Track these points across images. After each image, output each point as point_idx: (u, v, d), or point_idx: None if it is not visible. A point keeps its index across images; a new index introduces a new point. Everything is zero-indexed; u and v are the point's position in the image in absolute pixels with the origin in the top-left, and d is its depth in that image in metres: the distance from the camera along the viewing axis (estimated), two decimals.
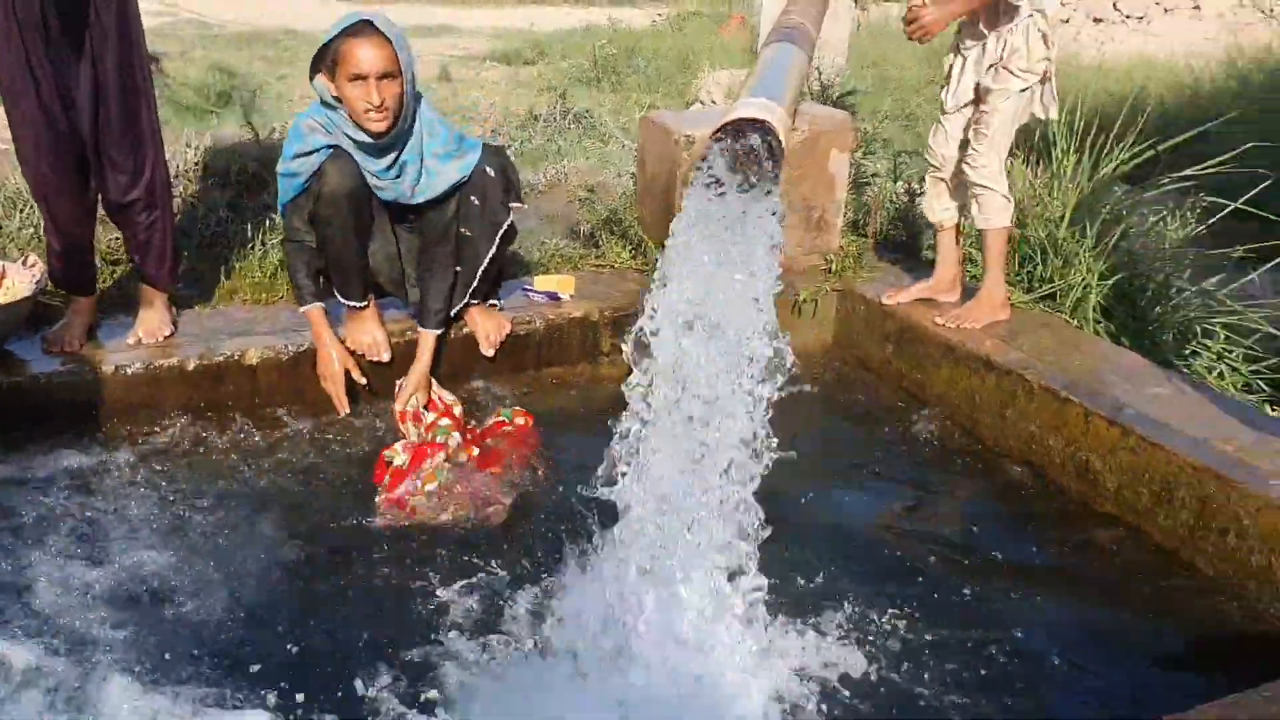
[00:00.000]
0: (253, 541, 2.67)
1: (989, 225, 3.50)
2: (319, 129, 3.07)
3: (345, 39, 2.92)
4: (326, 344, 3.24)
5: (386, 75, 2.93)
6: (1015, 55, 3.33)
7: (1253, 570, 2.61)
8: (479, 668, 2.26)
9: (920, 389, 3.67)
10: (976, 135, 3.44)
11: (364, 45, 2.90)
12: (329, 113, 3.05)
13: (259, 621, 2.39)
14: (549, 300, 3.73)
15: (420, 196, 3.19)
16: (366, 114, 2.95)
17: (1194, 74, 7.84)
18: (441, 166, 3.18)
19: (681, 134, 3.88)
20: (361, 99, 2.93)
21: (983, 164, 3.43)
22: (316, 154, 3.08)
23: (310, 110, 3.12)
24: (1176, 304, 3.82)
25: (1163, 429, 2.90)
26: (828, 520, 2.95)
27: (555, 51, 11.49)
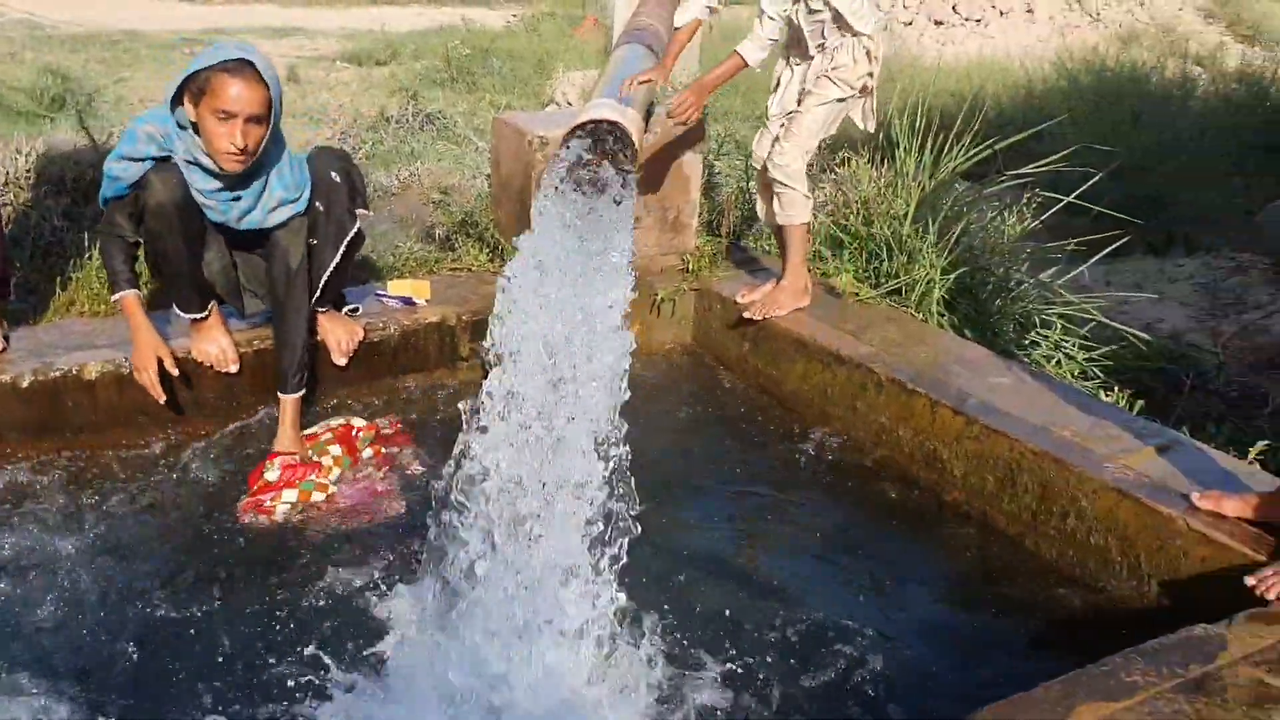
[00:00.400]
0: (96, 563, 2.55)
1: (789, 221, 3.64)
2: (156, 139, 2.92)
3: (221, 73, 2.76)
4: (140, 331, 3.03)
5: (254, 119, 2.81)
6: (840, 69, 3.49)
7: (1092, 549, 2.73)
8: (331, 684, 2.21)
9: (776, 384, 3.73)
10: (786, 134, 3.57)
11: (240, 84, 2.75)
12: (179, 133, 2.91)
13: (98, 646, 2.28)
14: (404, 305, 3.66)
15: (247, 226, 3.08)
16: (226, 154, 2.82)
17: (1028, 75, 8.20)
18: (279, 209, 3.07)
19: (535, 135, 3.86)
20: (226, 137, 2.79)
21: (786, 162, 3.55)
22: (142, 163, 2.93)
23: (151, 116, 2.96)
24: (1016, 296, 3.98)
25: (1004, 417, 3.01)
26: (684, 519, 2.97)
27: (408, 52, 11.31)
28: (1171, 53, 11.48)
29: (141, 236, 3.01)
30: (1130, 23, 13.40)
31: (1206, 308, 4.55)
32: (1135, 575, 2.63)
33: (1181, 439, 2.93)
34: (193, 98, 2.83)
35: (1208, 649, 2.07)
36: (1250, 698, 1.92)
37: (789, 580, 2.73)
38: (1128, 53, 9.40)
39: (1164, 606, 2.56)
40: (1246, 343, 4.20)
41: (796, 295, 3.76)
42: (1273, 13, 15.14)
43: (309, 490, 2.93)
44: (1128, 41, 12.09)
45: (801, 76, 3.60)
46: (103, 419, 3.12)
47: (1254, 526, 2.47)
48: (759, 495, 3.17)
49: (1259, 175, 6.46)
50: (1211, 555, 2.47)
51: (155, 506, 2.84)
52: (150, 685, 2.21)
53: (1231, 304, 4.53)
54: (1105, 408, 3.14)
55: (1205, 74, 9.12)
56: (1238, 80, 8.04)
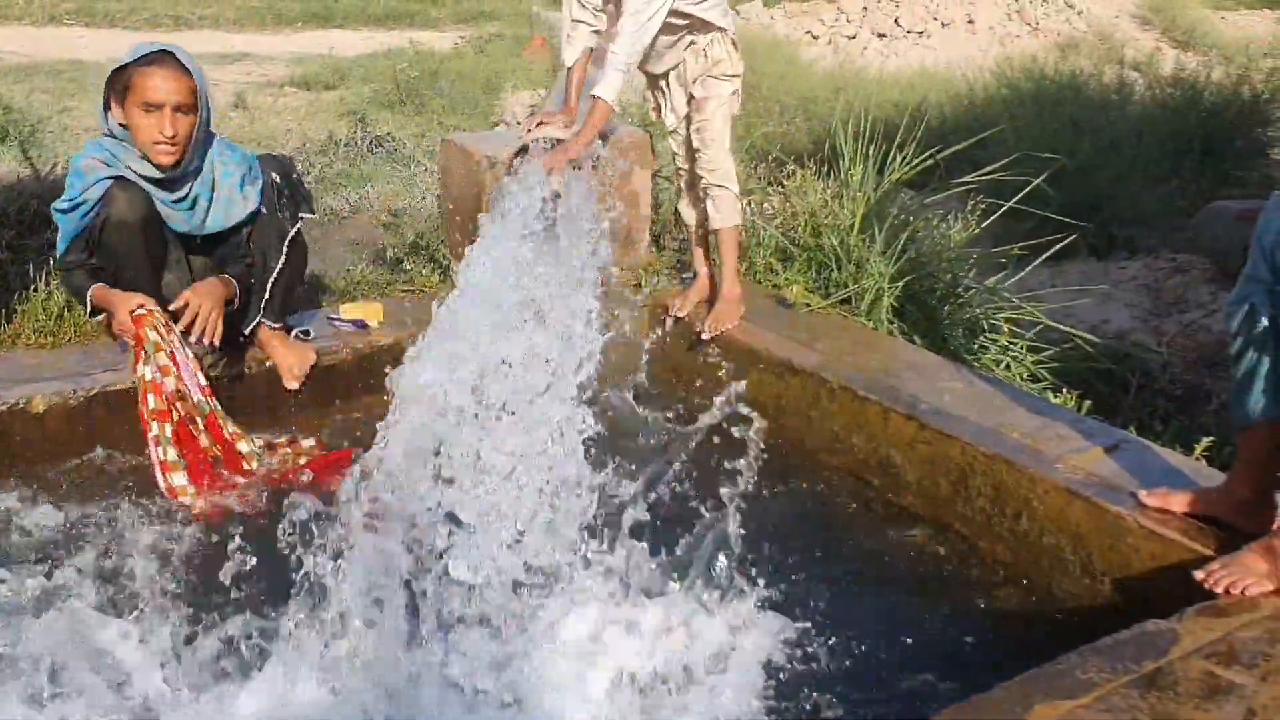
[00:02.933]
0: (52, 596, 2.50)
1: (724, 224, 3.72)
2: (99, 165, 2.92)
3: (142, 67, 2.82)
4: (115, 295, 2.98)
5: (181, 108, 2.84)
6: (720, 64, 3.60)
7: (1045, 549, 2.77)
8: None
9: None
10: (704, 142, 3.66)
11: (162, 75, 2.81)
12: (112, 145, 2.91)
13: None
14: (356, 328, 3.64)
15: (213, 227, 3.08)
16: (156, 145, 2.84)
17: (969, 84, 8.32)
18: (238, 195, 3.09)
19: (483, 155, 3.86)
20: (154, 128, 2.82)
21: (716, 165, 3.65)
22: (98, 185, 2.92)
23: (87, 149, 2.96)
24: (963, 301, 4.04)
25: (956, 421, 3.05)
26: (635, 530, 2.97)
27: (356, 76, 11.27)
28: (1109, 59, 11.70)
29: (99, 258, 2.99)
30: (1068, 31, 13.66)
31: (1150, 308, 4.64)
32: (1088, 573, 2.67)
33: (1129, 438, 2.98)
34: (118, 99, 2.87)
35: (1160, 644, 2.10)
36: (1201, 690, 1.96)
37: (739, 587, 2.73)
38: (1066, 61, 9.57)
39: (1117, 603, 2.60)
40: (1189, 341, 4.28)
41: (739, 302, 3.79)
42: (1205, 18, 15.49)
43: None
44: (1066, 50, 12.32)
45: (680, 81, 3.68)
46: (51, 452, 3.08)
47: (1201, 522, 2.51)
48: (711, 506, 3.17)
49: (1195, 178, 6.60)
50: (1161, 551, 2.51)
51: (105, 531, 2.79)
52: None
53: (1173, 303, 4.62)
54: (1054, 409, 3.19)
55: (1142, 79, 9.31)
56: (1173, 85, 8.21)
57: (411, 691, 2.15)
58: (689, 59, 3.61)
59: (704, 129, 3.64)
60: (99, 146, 2.93)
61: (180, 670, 2.27)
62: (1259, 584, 2.23)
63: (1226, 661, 2.04)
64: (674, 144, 3.86)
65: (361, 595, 2.17)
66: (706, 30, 3.56)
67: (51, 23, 15.17)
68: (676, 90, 3.71)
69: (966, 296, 4.07)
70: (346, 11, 16.92)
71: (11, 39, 13.84)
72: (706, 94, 3.62)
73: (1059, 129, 6.31)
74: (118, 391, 3.13)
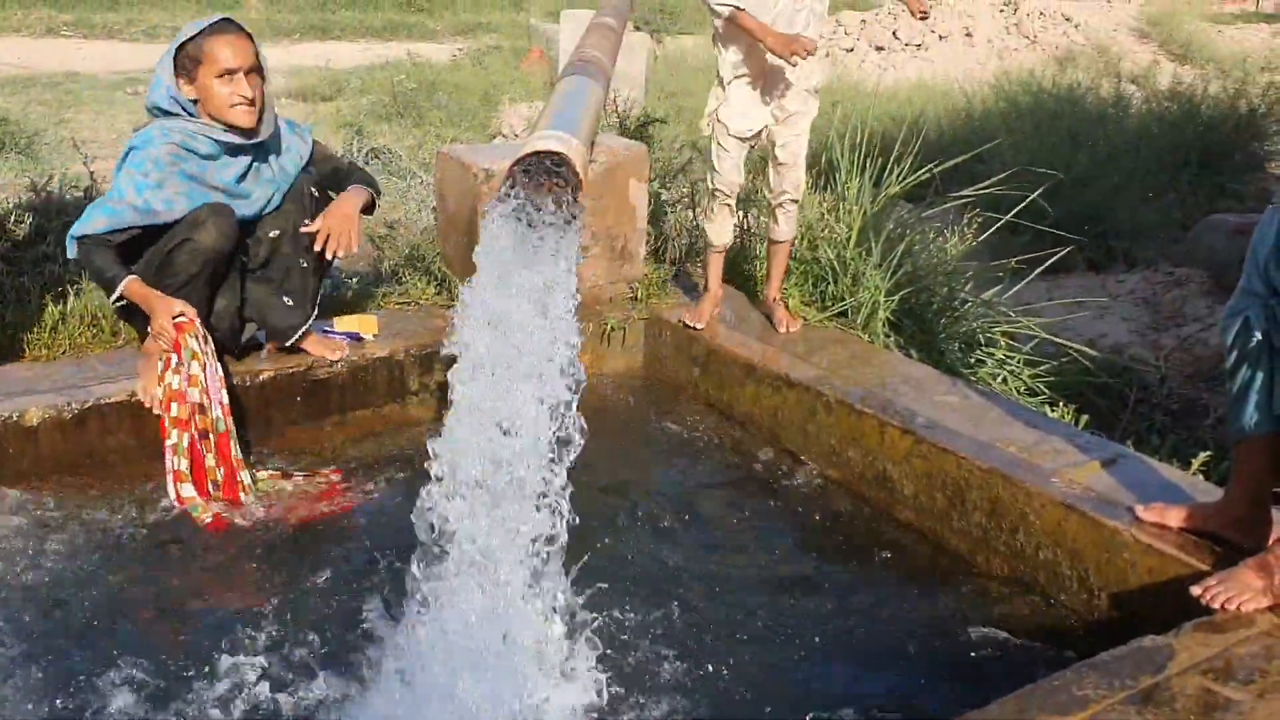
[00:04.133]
0: (36, 605, 2.49)
1: (790, 235, 3.82)
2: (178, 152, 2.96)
3: (209, 37, 2.92)
4: (154, 299, 2.96)
5: (253, 70, 2.96)
6: (812, 76, 3.60)
7: (1041, 564, 2.76)
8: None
9: (728, 408, 3.74)
10: (793, 158, 3.67)
11: (231, 41, 2.92)
12: (183, 126, 2.95)
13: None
14: (351, 341, 3.63)
15: (254, 210, 3.18)
16: (235, 108, 2.93)
17: (967, 97, 8.34)
18: (293, 173, 3.22)
19: (480, 168, 3.86)
20: (233, 94, 2.92)
21: (799, 182, 3.71)
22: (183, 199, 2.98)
23: (151, 140, 2.96)
24: (960, 315, 4.03)
25: (952, 435, 3.04)
26: (637, 545, 2.96)
27: (353, 87, 11.27)
28: (1106, 72, 11.73)
29: (160, 272, 3.01)
30: (1066, 44, 13.70)
31: (1147, 321, 4.64)
32: (1085, 588, 2.66)
33: (1126, 452, 2.98)
34: (186, 74, 2.97)
35: (1157, 659, 2.09)
36: (1198, 706, 1.95)
37: (741, 601, 2.72)
38: (1064, 74, 9.59)
39: (1114, 618, 2.59)
40: (1187, 355, 4.28)
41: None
42: (1202, 31, 15.54)
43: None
44: (1064, 63, 12.35)
45: (767, 92, 3.60)
46: (45, 466, 3.07)
47: (1198, 537, 2.50)
48: (711, 520, 3.17)
49: (1192, 191, 6.61)
50: (1158, 566, 2.50)
51: (100, 547, 2.78)
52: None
53: (1171, 317, 4.62)
54: (1050, 423, 3.18)
55: (1139, 92, 9.33)
56: (1170, 98, 8.23)
57: None
58: (787, 70, 3.54)
59: (794, 145, 3.65)
60: (166, 133, 2.96)
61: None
62: (1255, 600, 2.22)
63: (1223, 678, 2.03)
64: (734, 152, 3.69)
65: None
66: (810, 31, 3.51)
67: (49, 34, 15.19)
68: (764, 97, 3.63)
69: (963, 310, 4.07)
70: (344, 23, 16.95)
71: (9, 50, 13.84)
72: (801, 109, 3.61)
73: (1057, 142, 6.32)
74: (112, 404, 3.12)
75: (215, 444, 2.98)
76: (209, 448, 2.96)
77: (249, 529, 2.90)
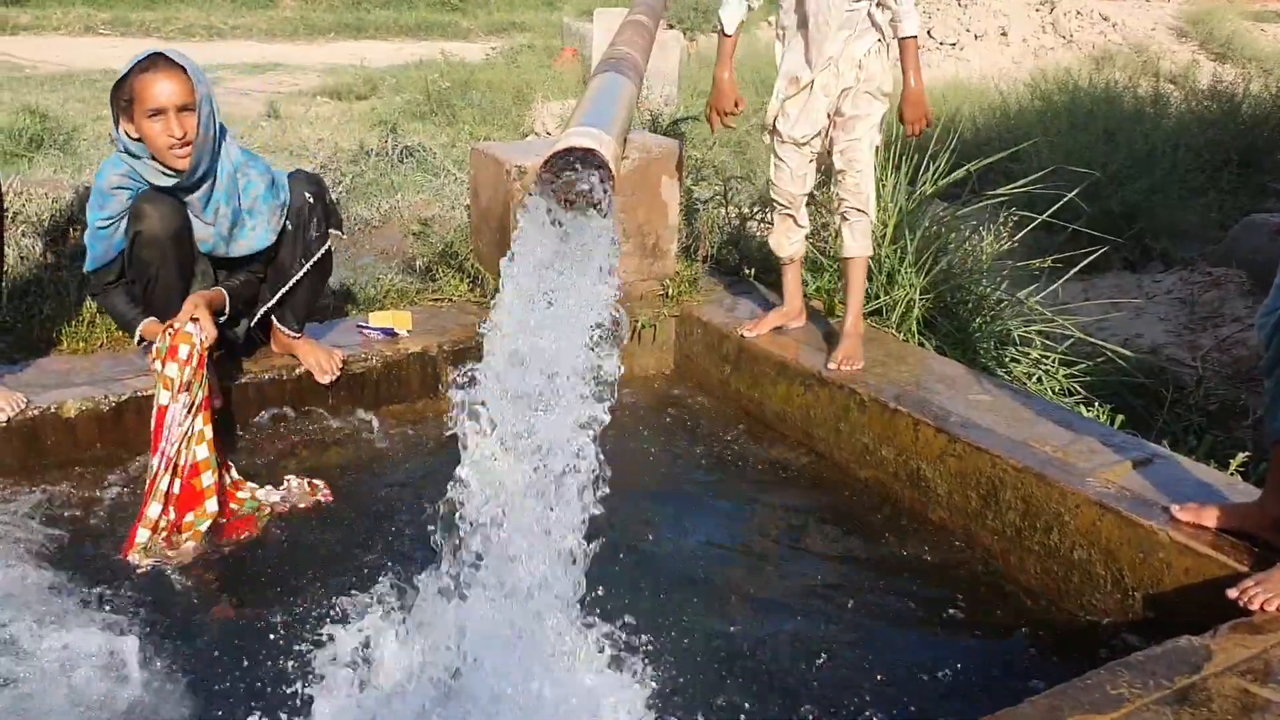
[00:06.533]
0: (73, 598, 2.52)
1: (861, 252, 3.51)
2: (125, 185, 2.94)
3: (139, 75, 2.82)
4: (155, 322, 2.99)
5: (186, 107, 2.83)
6: (873, 79, 3.39)
7: (1076, 564, 2.74)
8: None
9: (759, 407, 3.74)
10: (849, 165, 3.43)
11: (159, 78, 2.81)
12: (132, 162, 2.92)
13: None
14: (385, 336, 3.65)
15: (240, 250, 3.10)
16: (170, 150, 2.84)
17: (1003, 96, 8.28)
18: (264, 207, 3.09)
19: (513, 164, 3.87)
20: (163, 134, 2.82)
21: (861, 189, 3.45)
22: (126, 200, 2.96)
23: (106, 169, 2.98)
24: (995, 314, 4.00)
25: (986, 434, 3.02)
26: (671, 542, 2.97)
27: (387, 85, 11.35)
28: (1144, 72, 11.61)
29: (131, 272, 3.01)
30: (1103, 44, 13.56)
31: (1184, 321, 4.58)
32: (1119, 589, 2.64)
33: (1161, 452, 2.95)
34: (125, 114, 2.88)
35: (1193, 660, 2.07)
36: (1236, 708, 1.93)
37: (776, 600, 2.73)
38: (1101, 73, 9.50)
39: (1149, 619, 2.56)
40: (1225, 355, 4.23)
41: (863, 340, 3.55)
42: (1244, 30, 15.34)
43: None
44: (1101, 62, 12.22)
45: (825, 92, 3.42)
46: (82, 456, 3.11)
47: (1235, 537, 2.48)
48: (743, 518, 3.17)
49: (1232, 190, 6.53)
50: (1194, 567, 2.47)
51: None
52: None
53: (1209, 317, 4.56)
54: (1085, 422, 3.16)
55: (1178, 92, 9.22)
56: (1210, 97, 8.13)
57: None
58: (843, 65, 3.38)
59: (850, 151, 3.42)
60: (117, 163, 2.95)
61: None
62: None
63: (1262, 679, 2.00)
64: (790, 161, 3.54)
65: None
66: (869, 34, 3.37)
67: (87, 33, 15.39)
68: (820, 99, 3.43)
69: (998, 309, 4.04)
70: (378, 22, 17.06)
71: (49, 49, 14.06)
72: (858, 112, 3.39)
73: (1093, 141, 6.26)
74: (148, 397, 3.13)
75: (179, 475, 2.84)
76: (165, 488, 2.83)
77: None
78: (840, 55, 3.39)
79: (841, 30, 3.37)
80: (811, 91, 3.45)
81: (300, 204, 3.16)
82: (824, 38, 3.39)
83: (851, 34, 3.38)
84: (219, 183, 3.01)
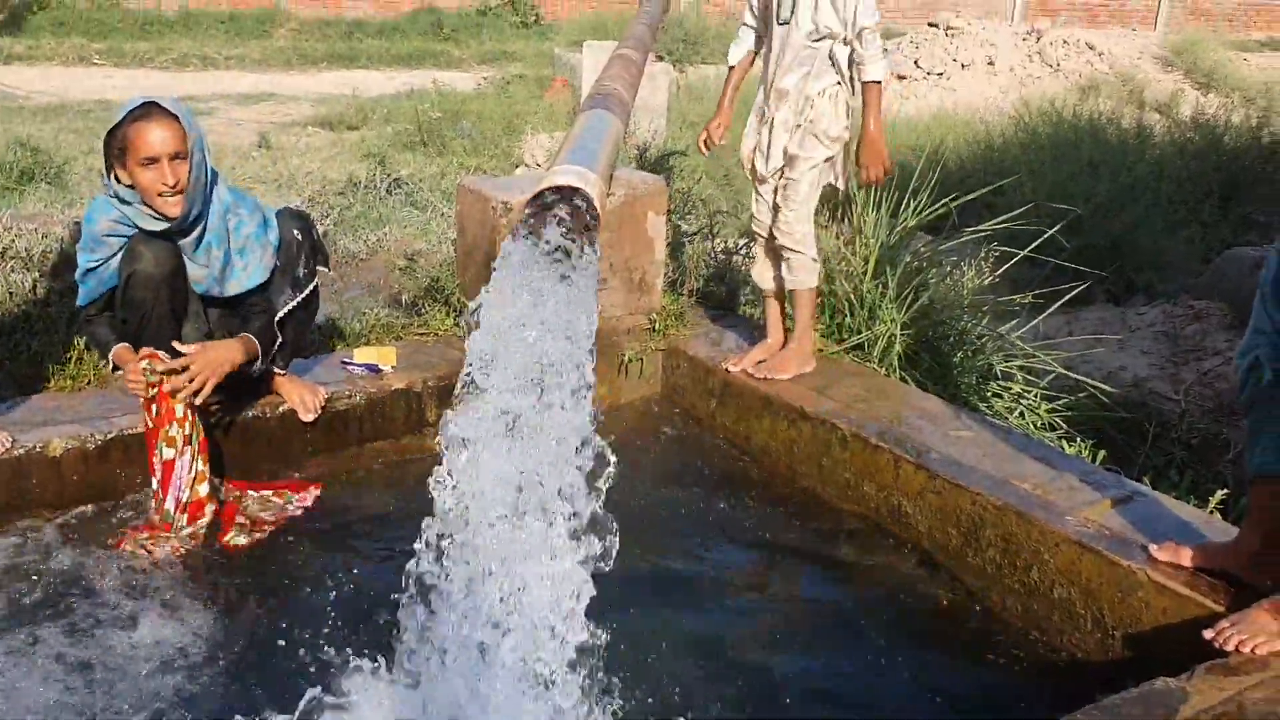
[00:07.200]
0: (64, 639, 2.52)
1: (799, 286, 3.68)
2: (113, 225, 2.97)
3: (132, 123, 2.87)
4: (127, 348, 3.03)
5: (178, 155, 2.88)
6: (820, 120, 3.50)
7: (1056, 603, 2.75)
8: None
9: (745, 441, 3.75)
10: (786, 201, 3.59)
11: (152, 127, 2.85)
12: (123, 208, 2.96)
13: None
14: (370, 373, 3.66)
15: (233, 289, 3.12)
16: (161, 197, 2.89)
17: (987, 128, 8.34)
18: (256, 246, 3.13)
19: (499, 200, 3.90)
20: (156, 182, 2.87)
21: (793, 229, 3.59)
22: (119, 242, 2.99)
23: (97, 210, 3.01)
24: (976, 349, 4.03)
25: (967, 470, 3.04)
26: (657, 577, 2.97)
27: (379, 116, 11.38)
28: (1130, 100, 11.69)
29: (123, 312, 3.03)
30: (1090, 72, 13.65)
31: (1168, 354, 4.61)
32: (1099, 628, 2.65)
33: (1141, 489, 2.96)
34: (119, 161, 2.94)
35: (1169, 703, 2.08)
36: None
37: (756, 634, 2.73)
38: (1087, 102, 9.56)
39: (1128, 658, 2.58)
40: (1207, 389, 4.25)
41: (803, 360, 3.73)
42: (1228, 60, 15.46)
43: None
44: (1087, 91, 12.31)
45: (784, 127, 3.56)
46: (67, 495, 3.10)
47: (1213, 577, 2.49)
48: (728, 553, 3.17)
49: (1215, 222, 6.58)
50: (1172, 606, 2.49)
51: (117, 575, 2.81)
52: None
53: (1191, 350, 4.59)
54: (1065, 459, 3.17)
55: (1163, 121, 9.28)
56: (1193, 127, 8.19)
57: None
58: (796, 101, 3.51)
59: (788, 189, 3.57)
60: (107, 207, 2.99)
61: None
62: (1270, 642, 2.21)
63: None
64: (759, 195, 3.73)
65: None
66: (827, 74, 3.47)
67: (81, 63, 15.41)
68: (779, 135, 3.58)
69: (979, 343, 4.06)
70: (371, 52, 17.10)
71: (42, 79, 14.06)
72: (799, 152, 3.53)
73: (1077, 173, 6.30)
74: (135, 435, 3.15)
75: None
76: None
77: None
78: (794, 92, 3.51)
79: (800, 67, 3.50)
80: (773, 128, 3.59)
81: (289, 241, 3.19)
82: (782, 74, 3.53)
83: (809, 72, 3.49)
84: (210, 225, 3.05)
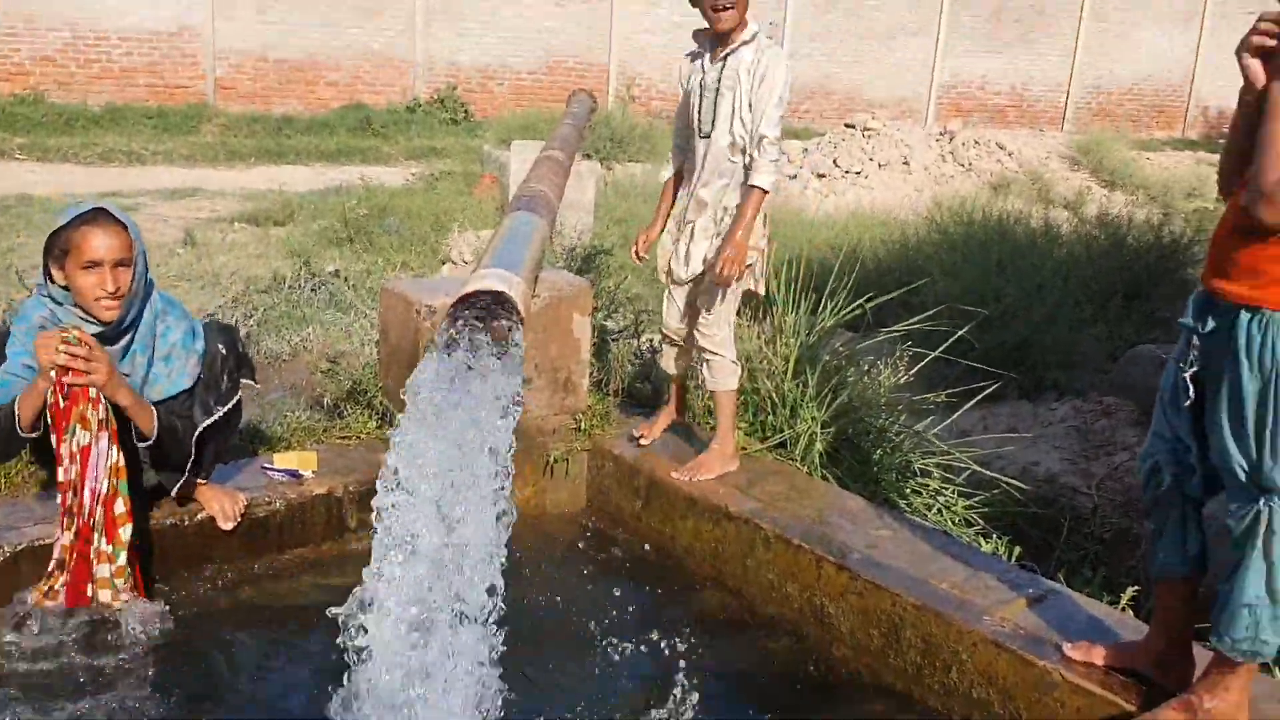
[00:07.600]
0: None
1: (719, 388, 3.76)
2: (47, 325, 2.94)
3: (80, 227, 2.87)
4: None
5: (122, 263, 2.89)
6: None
7: (975, 703, 2.78)
8: None
9: (670, 541, 3.76)
10: (706, 306, 3.68)
11: (99, 233, 2.86)
12: (55, 308, 2.94)
13: None
14: (290, 478, 3.62)
15: (156, 394, 3.08)
16: (99, 301, 2.88)
17: (903, 228, 8.60)
18: (182, 353, 3.11)
19: (422, 304, 3.91)
20: (96, 286, 2.86)
21: (713, 333, 3.69)
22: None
23: (31, 309, 2.99)
24: (895, 446, 4.11)
25: (886, 571, 3.08)
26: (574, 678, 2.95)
27: (306, 212, 11.38)
28: (1039, 199, 12.15)
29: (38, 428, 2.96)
30: (1000, 171, 14.18)
31: (1079, 450, 4.74)
32: None
33: (1055, 588, 3.03)
34: (57, 262, 2.92)
35: None
36: None
37: None
38: (998, 200, 9.92)
39: None
40: (1117, 484, 4.38)
41: (725, 460, 3.79)
42: (1132, 159, 16.19)
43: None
44: (999, 189, 12.78)
45: (703, 238, 3.66)
46: None
47: (1125, 675, 2.54)
48: (651, 655, 3.15)
49: (1120, 320, 6.82)
50: (1086, 706, 2.53)
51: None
52: None
53: (1101, 445, 4.73)
54: (982, 558, 3.24)
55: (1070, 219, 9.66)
56: (1097, 225, 8.53)
57: None
58: (715, 211, 3.61)
59: (707, 295, 3.65)
60: (40, 305, 2.97)
61: None
62: None
63: None
64: (677, 299, 3.82)
65: None
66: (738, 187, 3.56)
67: (2, 157, 15.23)
68: (700, 242, 3.68)
69: (898, 440, 4.15)
70: (299, 147, 17.12)
71: None
72: (718, 261, 3.57)
73: (987, 272, 6.52)
74: (46, 546, 3.07)
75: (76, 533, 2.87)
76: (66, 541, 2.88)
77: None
78: (712, 202, 3.64)
79: (719, 179, 3.62)
80: (693, 234, 3.70)
81: (214, 355, 3.18)
82: (701, 184, 3.66)
83: (729, 183, 3.61)
84: (139, 333, 3.05)
